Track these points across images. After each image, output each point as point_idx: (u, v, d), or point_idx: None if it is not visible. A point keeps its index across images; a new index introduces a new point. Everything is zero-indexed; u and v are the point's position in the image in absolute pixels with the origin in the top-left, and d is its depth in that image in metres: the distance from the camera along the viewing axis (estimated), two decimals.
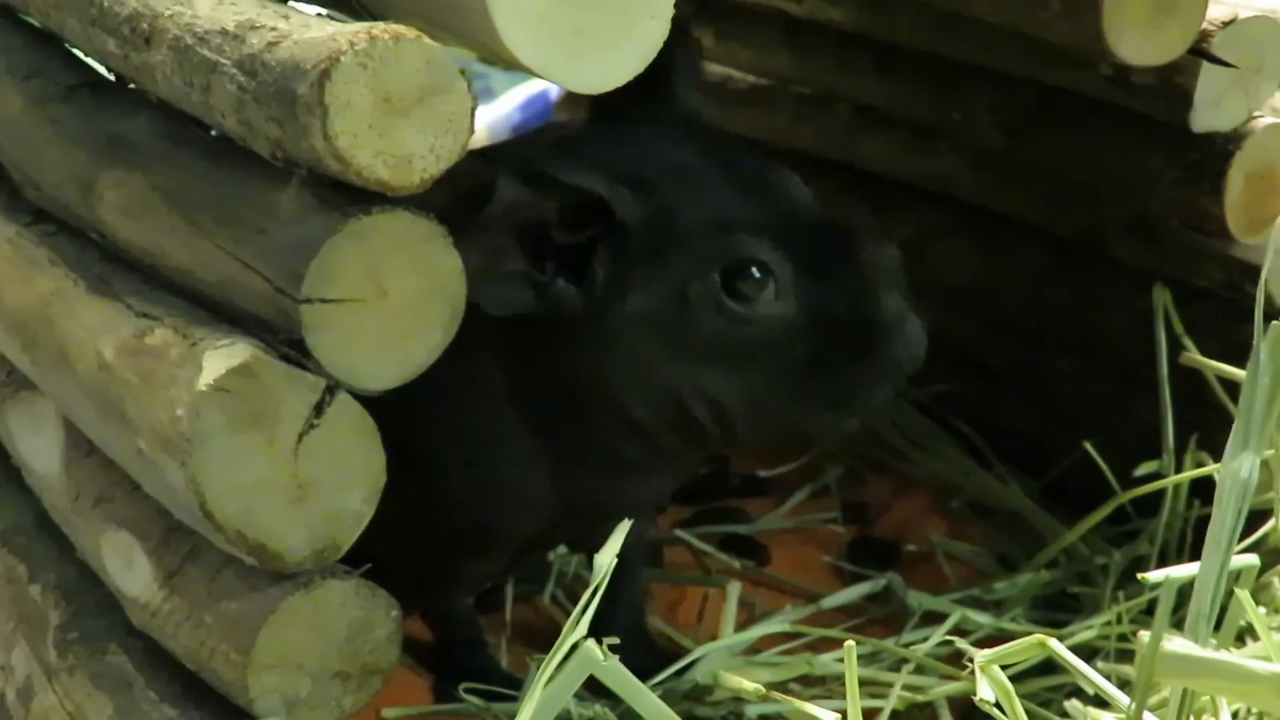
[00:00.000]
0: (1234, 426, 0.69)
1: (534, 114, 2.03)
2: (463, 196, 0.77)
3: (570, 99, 1.69)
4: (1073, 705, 0.72)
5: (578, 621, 0.69)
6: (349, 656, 0.73)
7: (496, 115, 2.07)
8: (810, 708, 0.76)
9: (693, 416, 0.85)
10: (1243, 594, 0.66)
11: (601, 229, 0.83)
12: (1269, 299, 1.04)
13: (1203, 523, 1.00)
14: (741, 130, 1.38)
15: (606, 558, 0.71)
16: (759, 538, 1.20)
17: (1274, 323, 0.70)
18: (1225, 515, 0.67)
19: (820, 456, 1.28)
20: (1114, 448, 1.08)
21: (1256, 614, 0.68)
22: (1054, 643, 0.68)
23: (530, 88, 2.08)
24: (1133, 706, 0.64)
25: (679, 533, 1.18)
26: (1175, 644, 0.52)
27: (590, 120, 0.97)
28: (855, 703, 0.69)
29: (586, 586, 1.08)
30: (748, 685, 0.80)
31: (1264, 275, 0.83)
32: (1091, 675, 0.67)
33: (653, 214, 0.83)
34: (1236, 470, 0.67)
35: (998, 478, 1.22)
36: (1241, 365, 1.04)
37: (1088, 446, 1.05)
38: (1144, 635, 0.60)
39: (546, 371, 0.86)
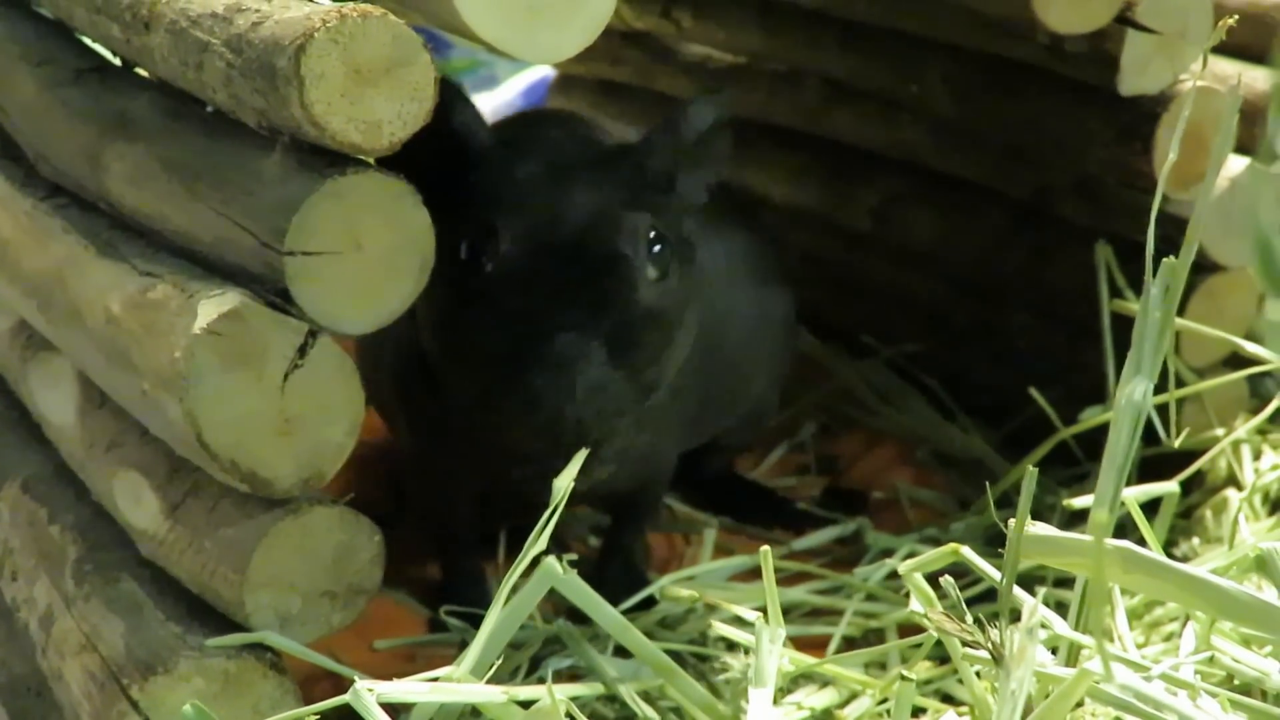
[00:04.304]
0: (1129, 355, 0.75)
1: (535, 100, 2.10)
2: None
3: (561, 85, 1.76)
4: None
5: (536, 539, 0.76)
6: (335, 577, 0.80)
7: (500, 101, 2.15)
8: (734, 608, 0.83)
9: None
10: (1130, 502, 0.72)
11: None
12: (1201, 251, 1.10)
13: (1146, 463, 1.07)
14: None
15: (564, 481, 0.77)
16: None
17: (1165, 259, 0.76)
18: (1120, 434, 0.73)
19: (797, 415, 1.35)
20: (1070, 398, 1.15)
21: (1142, 519, 0.75)
22: (966, 550, 0.75)
23: (531, 75, 2.15)
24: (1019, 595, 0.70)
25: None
26: (1037, 528, 0.59)
27: None
28: (774, 601, 0.76)
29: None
30: (684, 593, 0.87)
31: (1190, 228, 0.89)
32: (989, 571, 0.74)
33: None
34: (1130, 393, 0.74)
35: (961, 429, 1.29)
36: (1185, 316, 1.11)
37: (1033, 392, 1.12)
38: (1013, 522, 0.67)
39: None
